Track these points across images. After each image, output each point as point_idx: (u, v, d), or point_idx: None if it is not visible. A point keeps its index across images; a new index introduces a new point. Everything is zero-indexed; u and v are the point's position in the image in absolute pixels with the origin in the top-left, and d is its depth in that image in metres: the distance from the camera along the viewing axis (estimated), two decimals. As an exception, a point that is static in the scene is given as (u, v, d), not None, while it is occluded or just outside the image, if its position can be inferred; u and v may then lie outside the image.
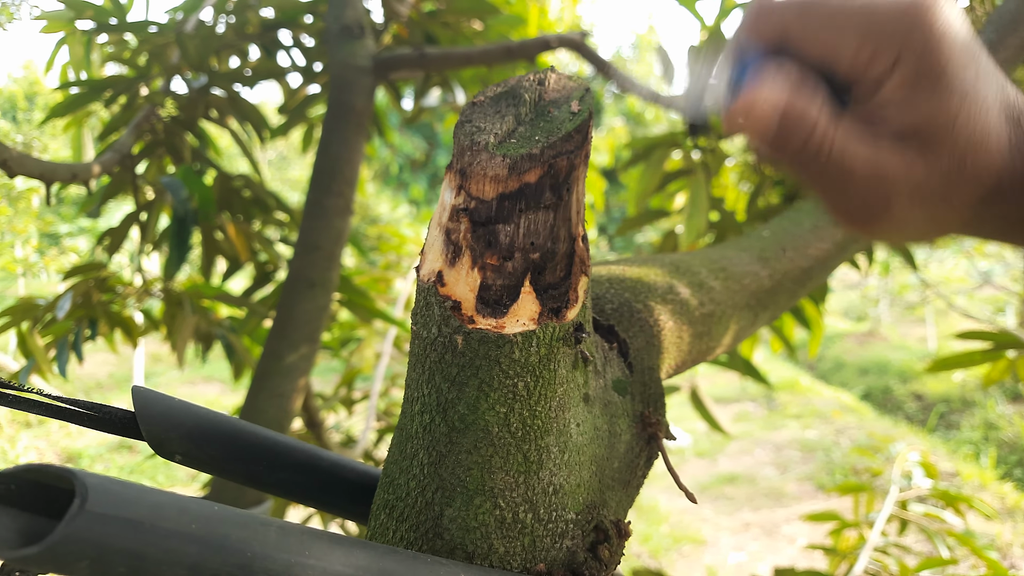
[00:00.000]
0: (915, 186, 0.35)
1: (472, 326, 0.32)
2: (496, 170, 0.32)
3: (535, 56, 1.38)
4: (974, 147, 0.34)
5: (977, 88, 0.34)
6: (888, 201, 0.35)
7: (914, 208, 0.35)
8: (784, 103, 0.34)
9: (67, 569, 0.23)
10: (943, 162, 0.34)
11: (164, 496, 0.25)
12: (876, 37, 0.34)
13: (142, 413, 0.38)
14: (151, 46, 1.95)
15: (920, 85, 0.34)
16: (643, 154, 1.66)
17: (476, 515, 0.34)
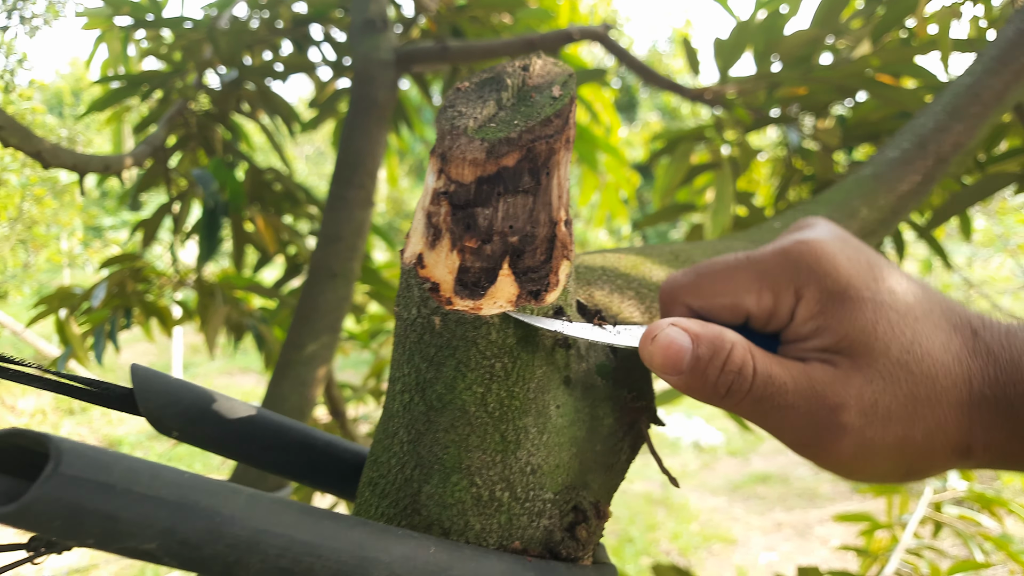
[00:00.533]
0: (864, 401, 0.34)
1: (450, 307, 0.33)
2: (474, 154, 0.33)
3: (558, 48, 1.38)
4: (914, 352, 0.34)
5: (895, 298, 0.35)
6: (839, 419, 0.34)
7: (876, 425, 0.34)
8: (694, 334, 0.34)
9: (41, 528, 0.24)
10: (882, 372, 0.34)
11: (137, 462, 0.26)
12: (769, 282, 0.36)
13: (140, 390, 0.39)
14: (186, 41, 1.99)
15: (828, 308, 0.35)
16: (668, 148, 1.65)
17: (453, 492, 0.34)
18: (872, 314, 0.34)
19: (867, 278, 0.35)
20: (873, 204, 0.79)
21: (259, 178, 1.92)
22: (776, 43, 1.39)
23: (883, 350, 0.34)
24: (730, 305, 0.37)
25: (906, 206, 0.83)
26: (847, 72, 1.35)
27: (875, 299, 0.34)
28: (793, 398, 0.34)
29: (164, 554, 0.25)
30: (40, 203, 7.86)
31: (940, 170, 0.87)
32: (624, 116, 13.34)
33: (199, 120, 1.92)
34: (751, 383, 0.34)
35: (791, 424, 0.35)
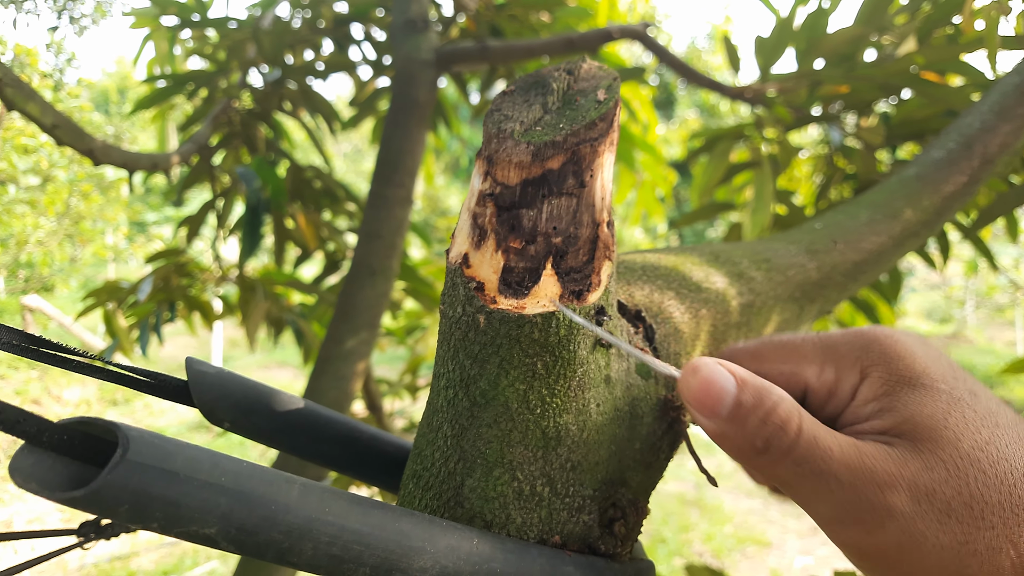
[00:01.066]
0: (919, 486, 0.29)
1: (494, 306, 0.34)
2: (520, 157, 0.34)
3: (597, 47, 1.38)
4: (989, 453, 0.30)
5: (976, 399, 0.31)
6: (886, 500, 0.29)
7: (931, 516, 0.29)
8: (740, 379, 0.32)
9: (109, 513, 0.25)
10: (948, 461, 0.30)
11: (199, 451, 0.27)
12: (835, 358, 0.34)
13: (195, 382, 0.41)
14: (230, 41, 2.03)
15: (895, 391, 0.32)
16: (707, 146, 1.64)
17: (495, 486, 0.35)
18: (945, 404, 0.31)
19: (945, 373, 0.32)
20: (917, 205, 0.78)
21: (300, 175, 1.95)
22: (818, 41, 1.37)
23: (952, 440, 0.30)
24: (789, 373, 0.35)
25: (951, 207, 0.82)
26: (891, 70, 1.33)
27: (951, 393, 0.31)
28: (838, 467, 0.30)
29: (223, 539, 0.26)
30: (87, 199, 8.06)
31: (986, 171, 0.86)
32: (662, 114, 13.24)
33: (242, 119, 1.96)
34: (794, 441, 0.31)
35: (830, 497, 0.31)
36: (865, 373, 0.33)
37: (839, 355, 0.34)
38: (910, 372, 0.32)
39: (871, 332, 0.34)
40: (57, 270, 9.48)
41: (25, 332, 0.34)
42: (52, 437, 0.26)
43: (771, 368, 0.36)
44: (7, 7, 9.59)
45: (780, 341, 0.36)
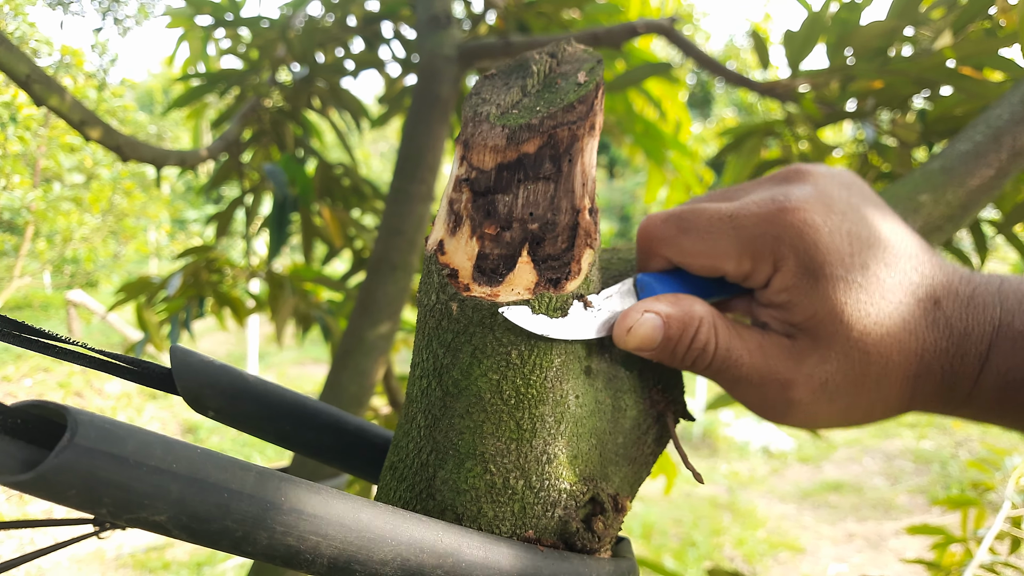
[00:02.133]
0: (814, 380, 0.36)
1: (467, 293, 0.33)
2: (495, 140, 0.33)
3: (621, 43, 1.36)
4: (874, 333, 0.35)
5: (867, 276, 0.35)
6: (788, 395, 0.36)
7: (823, 401, 0.37)
8: (666, 316, 0.36)
9: (56, 497, 0.25)
10: (839, 352, 0.36)
11: (151, 436, 0.27)
12: (750, 251, 0.36)
13: (179, 370, 0.41)
14: (263, 40, 2.06)
15: (801, 283, 0.36)
16: (736, 143, 1.61)
17: (467, 478, 0.34)
18: (842, 295, 0.35)
19: (844, 254, 0.35)
20: (940, 199, 0.75)
21: (328, 173, 1.97)
22: (850, 35, 1.33)
23: (845, 332, 0.35)
24: (709, 266, 0.38)
25: (977, 201, 0.79)
26: (926, 65, 1.29)
27: (847, 278, 0.35)
28: (748, 371, 0.37)
29: (174, 527, 0.26)
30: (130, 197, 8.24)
31: (1016, 164, 0.82)
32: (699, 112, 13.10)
33: (272, 117, 1.98)
34: (712, 358, 0.37)
35: (746, 394, 0.38)
36: (777, 266, 0.36)
37: (754, 248, 0.36)
38: (814, 263, 0.35)
39: (781, 220, 0.36)
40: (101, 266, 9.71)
41: (7, 318, 0.34)
42: (5, 420, 0.26)
43: (692, 261, 0.38)
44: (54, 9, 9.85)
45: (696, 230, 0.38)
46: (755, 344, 0.37)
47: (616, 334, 0.36)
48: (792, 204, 0.36)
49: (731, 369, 0.37)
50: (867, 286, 0.35)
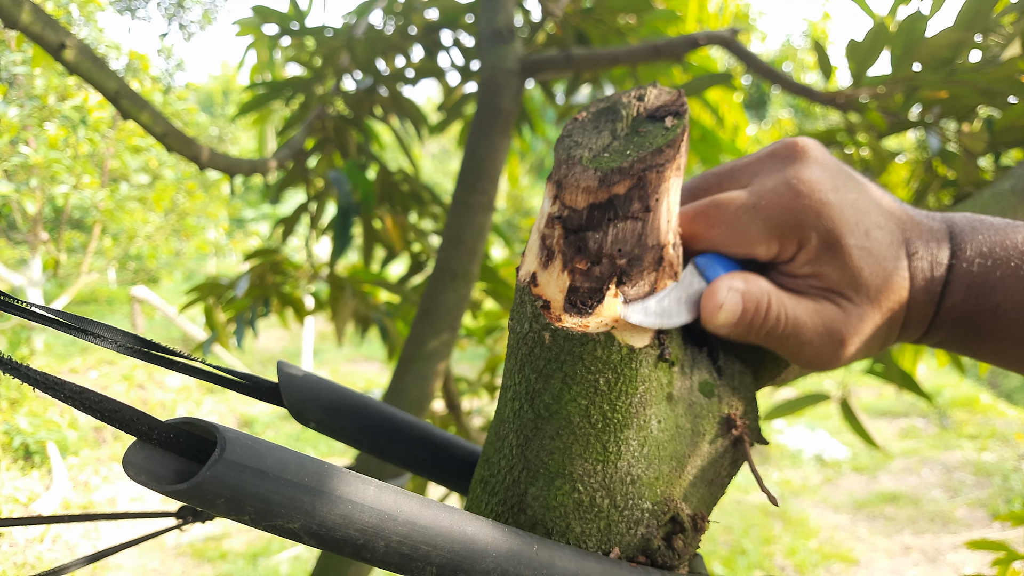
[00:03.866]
0: (861, 334, 0.42)
1: (559, 324, 0.36)
2: (588, 182, 0.35)
3: (682, 54, 1.37)
4: (886, 290, 0.41)
5: (872, 240, 0.41)
6: (840, 351, 0.43)
7: (863, 349, 0.44)
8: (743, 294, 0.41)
9: (207, 505, 0.28)
10: (867, 307, 0.42)
11: (286, 452, 0.30)
12: (777, 233, 0.41)
13: (285, 384, 0.44)
14: (327, 49, 2.12)
15: (823, 257, 0.41)
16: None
17: (556, 496, 0.37)
18: (858, 261, 0.40)
19: (852, 224, 0.40)
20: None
21: (389, 179, 2.02)
22: (916, 46, 1.32)
23: (866, 290, 0.41)
24: (742, 252, 0.42)
25: (1051, 223, 0.78)
26: (994, 76, 1.27)
27: (859, 245, 0.41)
28: (810, 335, 0.42)
29: (305, 534, 0.29)
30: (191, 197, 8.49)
31: (1091, 185, 0.81)
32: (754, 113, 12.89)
33: (336, 124, 2.04)
34: (783, 326, 0.41)
35: (806, 354, 0.42)
36: (801, 244, 0.41)
37: (781, 232, 0.41)
38: (832, 238, 0.40)
39: (801, 205, 0.40)
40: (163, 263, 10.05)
41: (139, 336, 0.38)
42: (160, 435, 0.30)
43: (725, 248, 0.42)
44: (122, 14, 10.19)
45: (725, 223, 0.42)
46: (812, 310, 0.42)
47: (706, 314, 0.40)
48: (807, 188, 0.40)
49: (798, 335, 0.41)
50: (873, 250, 0.41)
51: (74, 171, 6.97)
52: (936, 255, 0.42)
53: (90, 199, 7.13)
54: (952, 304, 0.42)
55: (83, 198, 7.10)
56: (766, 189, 0.41)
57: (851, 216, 0.40)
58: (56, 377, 0.29)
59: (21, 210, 7.28)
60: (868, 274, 0.41)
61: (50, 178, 6.85)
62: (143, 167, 7.86)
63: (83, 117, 6.97)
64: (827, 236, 0.40)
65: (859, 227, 0.40)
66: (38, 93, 6.66)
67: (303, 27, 2.21)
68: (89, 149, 7.21)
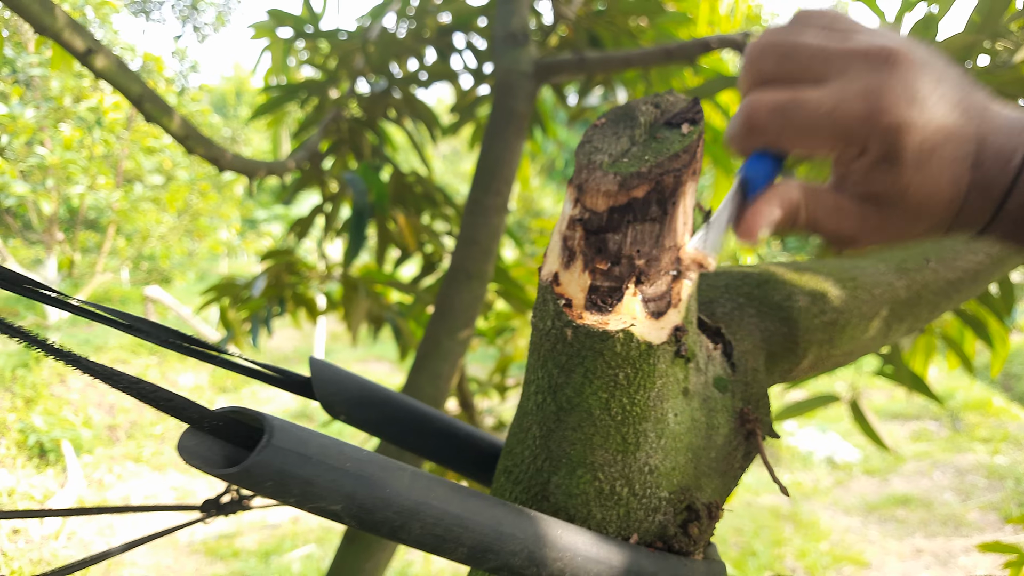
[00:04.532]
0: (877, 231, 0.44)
1: (580, 321, 0.37)
2: (608, 186, 0.37)
3: (695, 57, 1.39)
4: (925, 203, 0.42)
5: (933, 160, 0.41)
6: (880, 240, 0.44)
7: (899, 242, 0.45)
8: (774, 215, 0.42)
9: (256, 487, 0.30)
10: (896, 218, 0.43)
11: (329, 440, 0.32)
12: (843, 139, 0.41)
13: (316, 379, 0.46)
14: (341, 52, 2.15)
15: (879, 167, 0.41)
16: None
17: (578, 484, 0.39)
18: (908, 179, 0.41)
19: (919, 144, 0.40)
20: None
21: (402, 181, 2.04)
22: (927, 49, 1.33)
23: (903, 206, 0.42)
24: (804, 152, 0.43)
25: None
26: (1005, 79, 1.28)
27: (917, 164, 0.41)
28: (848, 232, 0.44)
29: (346, 515, 0.31)
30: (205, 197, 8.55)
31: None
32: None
33: (350, 126, 2.06)
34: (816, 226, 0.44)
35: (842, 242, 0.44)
36: (864, 151, 0.41)
37: (848, 139, 0.41)
38: (895, 153, 0.40)
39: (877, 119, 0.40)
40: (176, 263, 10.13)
41: (181, 332, 0.40)
42: (210, 423, 0.32)
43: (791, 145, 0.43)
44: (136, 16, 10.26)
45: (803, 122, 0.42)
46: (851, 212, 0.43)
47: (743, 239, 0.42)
48: (889, 103, 0.40)
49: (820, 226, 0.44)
50: (931, 168, 0.41)
51: (89, 172, 7.04)
52: (1008, 159, 0.40)
53: (105, 200, 7.20)
54: (1015, 206, 0.41)
55: (98, 199, 7.17)
56: (848, 94, 0.41)
57: (922, 137, 0.40)
58: (114, 369, 0.31)
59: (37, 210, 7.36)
60: (915, 191, 0.41)
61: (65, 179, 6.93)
62: (157, 168, 7.94)
63: (98, 118, 7.05)
64: (889, 151, 0.40)
65: (925, 145, 0.40)
66: (54, 95, 6.74)
67: (317, 30, 2.24)
68: (104, 150, 7.28)
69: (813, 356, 0.53)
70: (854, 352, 0.59)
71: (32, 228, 8.06)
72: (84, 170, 6.91)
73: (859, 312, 0.57)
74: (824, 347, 0.54)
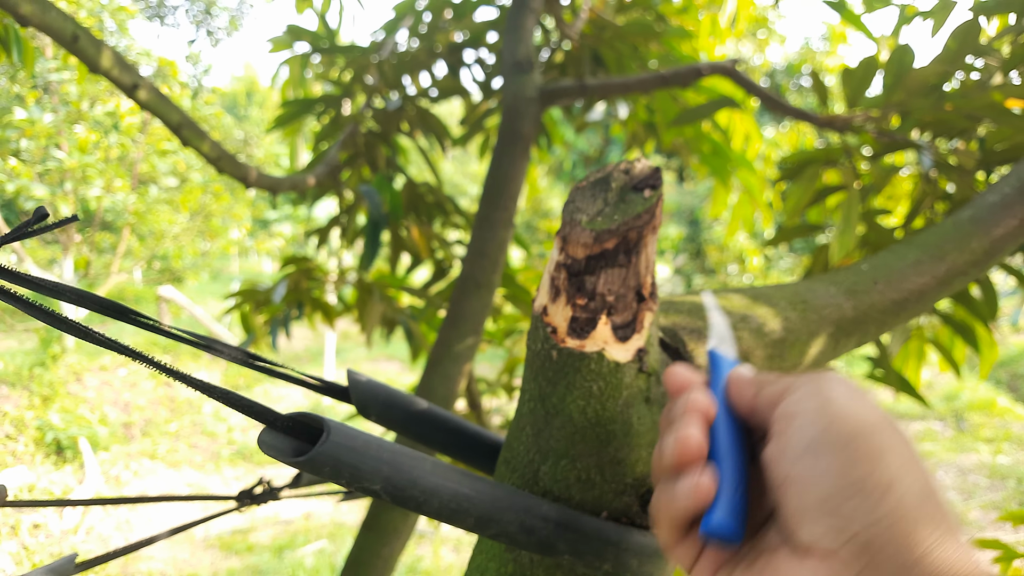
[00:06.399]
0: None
1: (563, 344, 0.48)
2: (585, 240, 0.48)
3: (688, 83, 1.49)
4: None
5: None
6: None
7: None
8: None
9: (317, 471, 0.41)
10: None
11: (371, 437, 0.43)
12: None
13: (353, 387, 0.57)
14: (356, 67, 2.26)
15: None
16: (796, 170, 1.71)
17: (561, 472, 0.49)
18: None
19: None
20: (965, 247, 0.86)
21: (415, 191, 2.15)
22: (904, 75, 1.43)
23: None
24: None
25: (1001, 248, 0.89)
26: (977, 103, 1.37)
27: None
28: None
29: (384, 492, 0.42)
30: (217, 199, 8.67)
31: (1042, 214, 0.92)
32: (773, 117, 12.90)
33: (366, 140, 2.17)
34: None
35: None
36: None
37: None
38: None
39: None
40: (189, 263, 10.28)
41: (249, 351, 0.51)
42: (282, 423, 0.42)
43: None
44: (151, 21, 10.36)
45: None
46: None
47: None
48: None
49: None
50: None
51: (105, 174, 7.19)
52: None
53: (121, 202, 7.35)
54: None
55: (114, 201, 7.32)
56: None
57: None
58: (210, 383, 0.42)
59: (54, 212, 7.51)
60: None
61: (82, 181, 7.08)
62: (171, 170, 8.08)
63: (114, 122, 7.19)
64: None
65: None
66: (71, 99, 6.89)
67: (333, 45, 2.35)
68: (120, 153, 7.43)
69: (766, 369, 0.63)
70: (805, 364, 0.70)
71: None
72: (100, 173, 7.06)
73: (808, 331, 0.67)
74: (775, 360, 0.64)
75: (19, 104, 6.65)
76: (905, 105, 1.47)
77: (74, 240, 7.65)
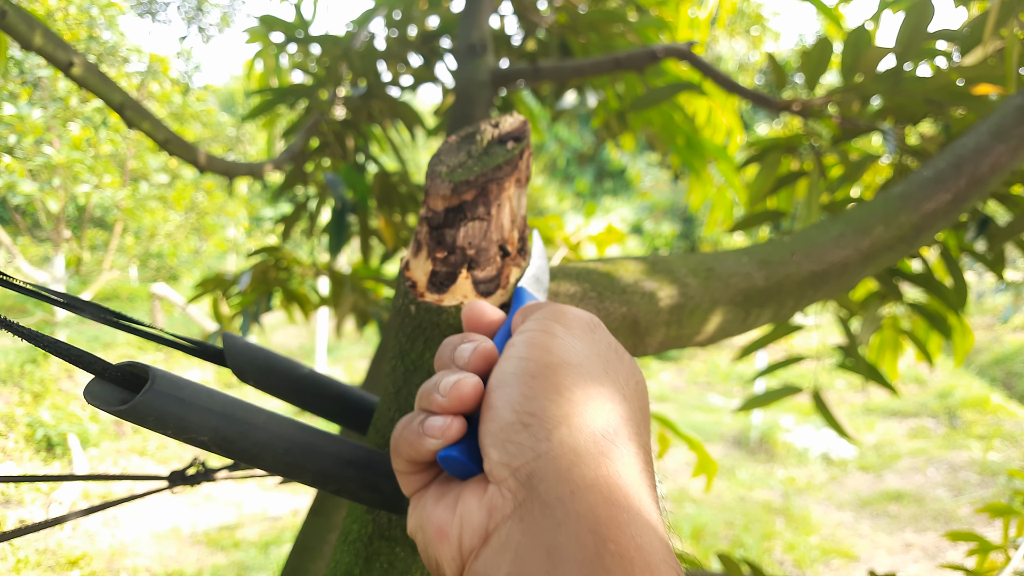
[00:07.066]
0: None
1: (421, 299, 0.47)
2: (443, 191, 0.46)
3: (643, 66, 1.47)
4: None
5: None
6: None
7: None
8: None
9: (140, 422, 0.39)
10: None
11: (199, 386, 0.41)
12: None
13: (229, 349, 0.56)
14: (330, 57, 2.24)
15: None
16: (758, 156, 1.69)
17: (418, 430, 0.48)
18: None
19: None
20: (892, 222, 0.85)
21: (387, 180, 2.13)
22: (860, 58, 1.41)
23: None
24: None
25: (932, 224, 0.88)
26: (932, 86, 1.36)
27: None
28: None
29: (212, 445, 0.41)
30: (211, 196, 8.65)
31: (975, 190, 0.91)
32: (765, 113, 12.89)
33: (334, 129, 2.16)
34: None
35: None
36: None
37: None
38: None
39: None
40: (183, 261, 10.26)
41: (106, 308, 0.50)
42: (111, 373, 0.41)
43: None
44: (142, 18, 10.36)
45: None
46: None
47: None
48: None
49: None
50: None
51: (96, 171, 7.17)
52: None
53: (111, 198, 7.33)
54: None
55: (105, 197, 7.30)
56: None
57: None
58: (35, 331, 0.40)
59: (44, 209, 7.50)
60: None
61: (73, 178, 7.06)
62: (163, 167, 8.06)
63: (104, 118, 7.17)
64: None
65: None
66: (61, 95, 6.87)
67: (307, 35, 2.34)
68: (110, 149, 7.41)
69: (662, 335, 0.62)
70: (711, 332, 0.68)
71: (40, 226, 8.20)
72: (91, 169, 7.04)
73: (710, 298, 0.66)
74: (672, 327, 0.63)
75: (9, 100, 6.63)
76: (864, 89, 1.46)
77: (64, 237, 7.63)
